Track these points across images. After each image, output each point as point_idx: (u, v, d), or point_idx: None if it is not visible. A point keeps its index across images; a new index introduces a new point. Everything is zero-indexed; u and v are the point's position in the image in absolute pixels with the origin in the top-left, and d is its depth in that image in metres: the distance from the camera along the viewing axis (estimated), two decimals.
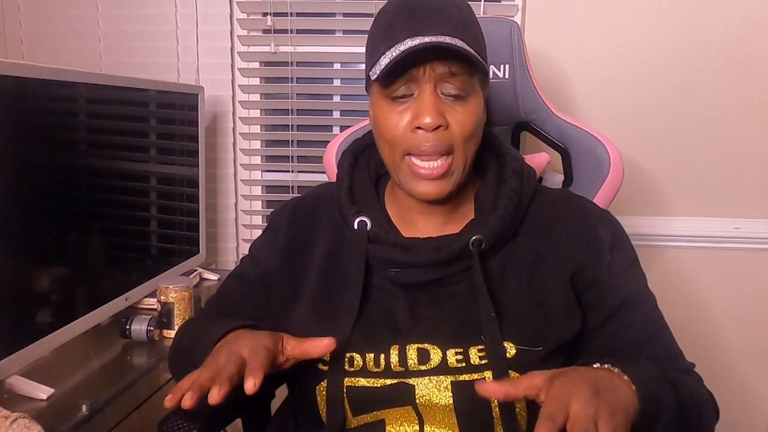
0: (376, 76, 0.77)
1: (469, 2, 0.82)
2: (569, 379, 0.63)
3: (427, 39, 0.73)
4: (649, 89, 1.60)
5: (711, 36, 1.56)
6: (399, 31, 0.75)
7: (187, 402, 0.62)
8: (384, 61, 0.75)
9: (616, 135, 1.24)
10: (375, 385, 0.77)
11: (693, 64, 1.58)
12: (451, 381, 0.76)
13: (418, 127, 0.76)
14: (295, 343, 0.74)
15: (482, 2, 1.61)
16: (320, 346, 0.73)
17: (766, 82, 1.58)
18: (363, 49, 0.84)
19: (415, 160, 0.78)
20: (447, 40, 0.73)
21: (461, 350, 0.77)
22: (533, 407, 0.75)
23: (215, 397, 0.63)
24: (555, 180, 1.20)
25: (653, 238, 1.65)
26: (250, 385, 0.64)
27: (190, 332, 0.87)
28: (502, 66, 1.19)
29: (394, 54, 0.74)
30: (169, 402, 0.64)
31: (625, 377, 0.67)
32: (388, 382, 0.77)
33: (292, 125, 1.73)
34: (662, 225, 1.65)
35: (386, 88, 0.78)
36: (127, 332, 1.25)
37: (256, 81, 1.76)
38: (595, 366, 0.69)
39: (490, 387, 0.64)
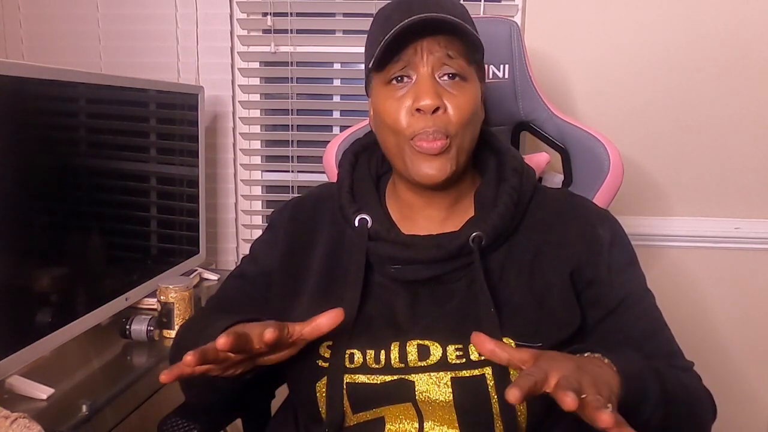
0: (373, 60, 0.78)
1: (469, 2, 0.83)
2: (553, 355, 0.66)
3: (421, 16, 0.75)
4: (649, 89, 1.60)
5: (711, 36, 1.56)
6: (396, 21, 0.76)
7: (189, 358, 0.61)
8: (381, 46, 0.76)
9: (616, 135, 1.24)
10: (375, 381, 0.77)
11: (693, 64, 1.58)
12: (451, 377, 0.76)
13: (418, 110, 0.77)
14: (301, 326, 0.71)
15: (482, 2, 1.61)
16: (329, 317, 0.70)
17: (766, 82, 1.58)
18: (363, 49, 0.84)
19: (418, 141, 0.79)
20: (441, 16, 0.75)
21: (461, 346, 0.77)
22: (533, 404, 0.75)
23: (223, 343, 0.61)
24: (555, 180, 1.20)
25: (653, 238, 1.65)
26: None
27: (191, 329, 0.87)
28: (501, 66, 1.19)
29: (390, 35, 0.76)
30: (164, 376, 0.63)
31: (606, 360, 0.68)
32: (388, 378, 0.77)
33: (292, 125, 1.73)
34: (662, 225, 1.65)
35: (383, 71, 0.79)
36: (127, 332, 1.25)
37: (256, 81, 1.76)
38: (580, 355, 0.70)
39: (483, 339, 0.65)
